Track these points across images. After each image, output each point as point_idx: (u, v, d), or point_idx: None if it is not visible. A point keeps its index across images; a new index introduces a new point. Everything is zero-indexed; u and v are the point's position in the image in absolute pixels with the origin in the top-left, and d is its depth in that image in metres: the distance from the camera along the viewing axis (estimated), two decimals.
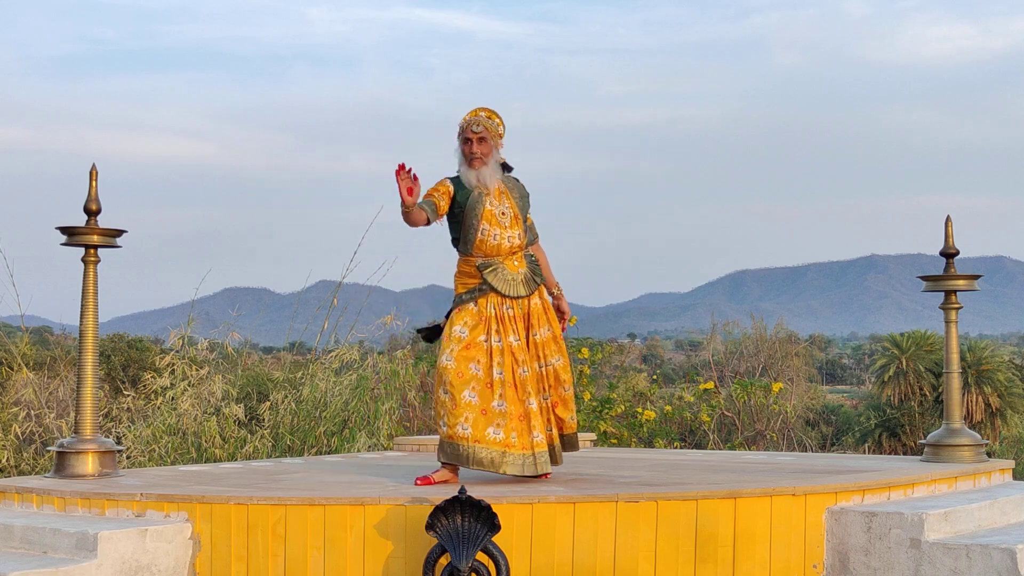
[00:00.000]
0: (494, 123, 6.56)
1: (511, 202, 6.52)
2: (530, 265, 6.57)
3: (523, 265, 6.53)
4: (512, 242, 6.48)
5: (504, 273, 6.43)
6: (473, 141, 6.49)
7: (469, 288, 6.45)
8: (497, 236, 6.44)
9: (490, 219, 6.43)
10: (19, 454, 10.86)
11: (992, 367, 38.07)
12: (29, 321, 12.18)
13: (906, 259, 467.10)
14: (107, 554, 5.58)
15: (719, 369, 21.64)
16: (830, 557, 5.88)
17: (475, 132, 6.50)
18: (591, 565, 5.61)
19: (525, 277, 6.49)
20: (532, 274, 6.54)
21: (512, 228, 6.48)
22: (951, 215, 7.54)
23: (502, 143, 6.61)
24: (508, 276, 6.43)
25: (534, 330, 6.49)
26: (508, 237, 6.46)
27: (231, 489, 6.24)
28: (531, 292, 6.50)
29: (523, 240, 6.55)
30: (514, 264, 6.48)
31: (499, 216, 6.46)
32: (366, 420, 11.17)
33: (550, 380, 6.50)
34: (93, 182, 6.94)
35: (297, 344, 14.28)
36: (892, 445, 35.39)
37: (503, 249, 6.46)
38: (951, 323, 7.50)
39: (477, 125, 6.50)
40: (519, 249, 6.53)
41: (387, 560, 5.64)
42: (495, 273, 6.42)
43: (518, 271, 6.48)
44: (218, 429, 10.48)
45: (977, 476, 7.04)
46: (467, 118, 6.56)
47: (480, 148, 6.48)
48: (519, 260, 6.52)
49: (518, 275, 6.47)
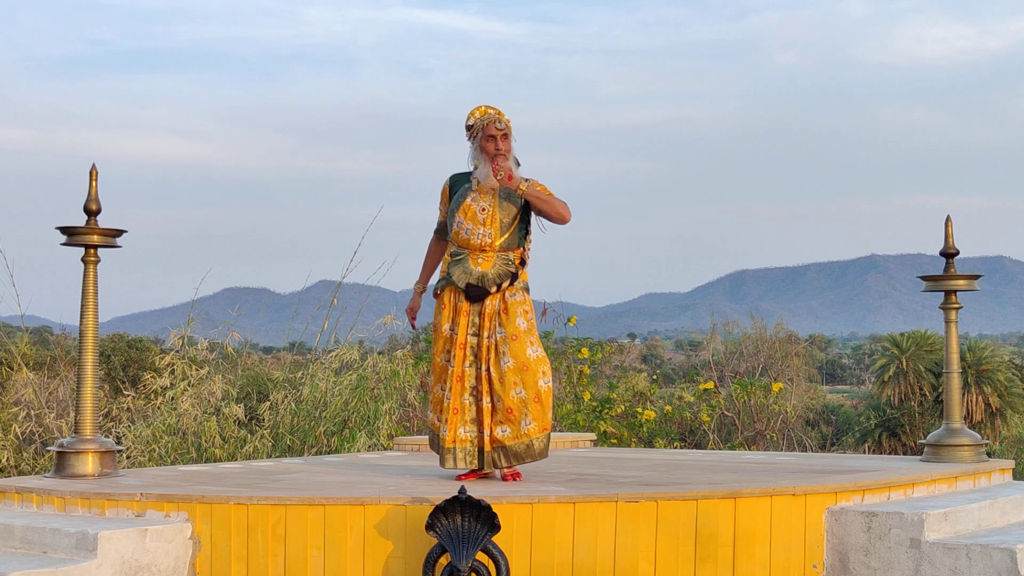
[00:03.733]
0: (505, 121, 6.62)
1: (495, 202, 6.52)
2: (501, 266, 6.52)
3: (489, 265, 6.51)
4: (482, 239, 6.50)
5: (465, 266, 6.51)
6: (497, 138, 6.55)
7: (442, 276, 6.66)
8: (468, 231, 6.51)
9: (465, 212, 6.52)
10: (19, 454, 10.86)
11: (992, 367, 38.07)
12: (29, 321, 12.19)
13: (906, 259, 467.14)
14: (107, 554, 5.58)
15: (719, 369, 21.63)
16: (830, 557, 5.88)
17: (499, 129, 6.56)
18: (591, 565, 5.61)
19: (483, 276, 6.48)
20: (497, 276, 6.49)
21: (486, 226, 6.50)
22: (951, 215, 7.55)
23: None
24: (467, 270, 6.50)
25: (490, 331, 6.48)
26: (479, 234, 6.50)
27: (231, 489, 6.24)
28: (487, 293, 6.47)
29: (495, 240, 6.51)
30: (478, 260, 6.51)
31: (477, 212, 6.51)
32: (366, 420, 11.16)
33: (497, 382, 6.41)
34: (93, 182, 6.95)
35: (297, 344, 14.28)
36: (892, 445, 35.39)
37: (472, 244, 6.52)
38: (951, 323, 7.50)
39: (500, 122, 6.57)
40: (489, 248, 6.51)
41: (387, 560, 5.64)
42: (456, 265, 6.55)
43: (478, 268, 6.49)
44: (218, 429, 10.48)
45: (977, 476, 7.04)
46: (482, 115, 6.59)
47: (504, 144, 6.56)
48: (486, 258, 6.51)
49: (475, 271, 6.49)
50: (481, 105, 6.64)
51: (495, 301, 6.50)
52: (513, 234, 6.58)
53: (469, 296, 6.48)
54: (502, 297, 6.51)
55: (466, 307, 6.50)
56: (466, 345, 6.48)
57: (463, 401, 6.47)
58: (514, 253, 6.59)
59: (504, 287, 6.50)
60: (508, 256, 6.57)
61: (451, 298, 6.56)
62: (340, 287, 11.95)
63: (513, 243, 6.59)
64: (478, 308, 6.50)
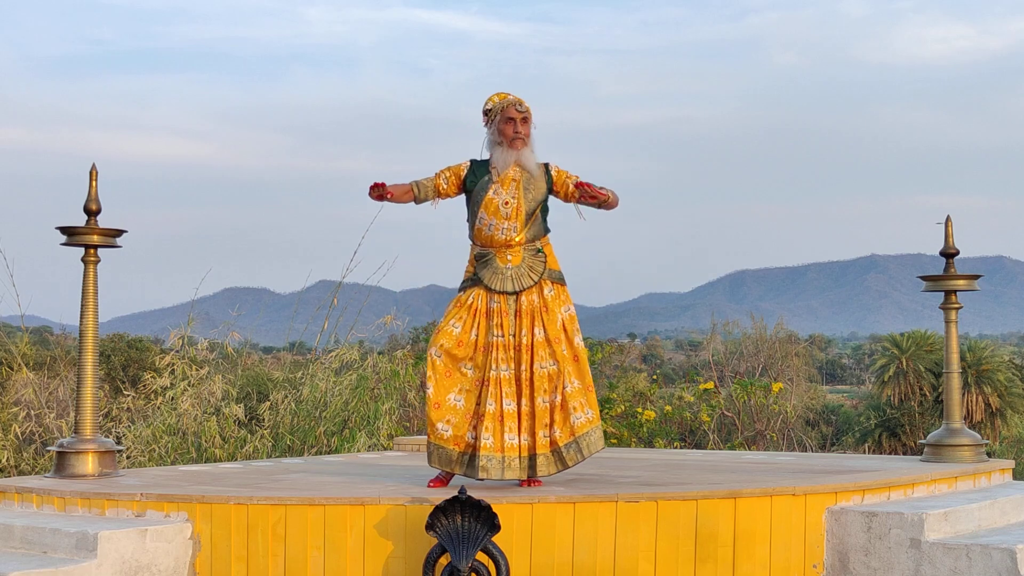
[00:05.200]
0: (526, 105, 6.34)
1: (519, 192, 6.25)
2: (529, 260, 6.28)
3: (518, 260, 6.25)
4: (507, 234, 6.23)
5: (494, 266, 6.23)
6: (516, 121, 6.28)
7: (467, 276, 6.33)
8: (492, 227, 6.24)
9: (487, 207, 6.24)
10: (19, 454, 10.86)
11: (992, 367, 38.04)
12: (29, 321, 12.19)
13: (906, 259, 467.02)
14: (107, 554, 5.58)
15: (719, 369, 21.64)
16: (830, 557, 5.88)
17: (519, 111, 6.29)
18: (591, 565, 5.61)
19: (517, 272, 6.23)
20: (530, 270, 6.26)
21: (511, 220, 6.23)
22: (951, 215, 7.54)
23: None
24: (497, 269, 6.22)
25: (524, 330, 6.20)
26: (503, 229, 6.23)
27: (231, 489, 6.24)
28: (522, 288, 6.22)
29: (522, 234, 6.26)
30: (507, 257, 6.24)
31: (501, 206, 6.23)
32: (366, 420, 11.16)
33: (543, 384, 6.18)
34: (93, 182, 6.94)
35: (297, 344, 14.29)
36: (892, 445, 35.38)
37: (496, 240, 6.25)
38: (951, 323, 7.50)
39: (521, 105, 6.30)
40: (515, 243, 6.25)
41: (387, 560, 5.64)
42: (485, 266, 6.25)
43: (508, 264, 6.23)
44: (218, 429, 10.48)
45: (977, 476, 7.04)
46: (501, 99, 6.32)
47: (524, 128, 6.29)
48: (514, 254, 6.25)
49: (507, 269, 6.22)
50: (500, 91, 6.40)
51: (532, 297, 6.23)
52: (536, 223, 6.32)
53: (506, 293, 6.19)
54: (540, 293, 6.26)
55: (503, 307, 6.18)
56: (508, 347, 6.16)
57: (503, 407, 6.12)
58: (540, 242, 6.33)
59: (541, 280, 6.24)
60: (536, 246, 6.31)
61: (481, 301, 6.23)
62: (340, 287, 11.95)
63: (539, 232, 6.34)
64: (514, 307, 6.20)
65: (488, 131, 6.39)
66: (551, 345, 6.22)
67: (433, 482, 6.26)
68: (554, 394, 6.19)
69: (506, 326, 6.20)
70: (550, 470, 6.19)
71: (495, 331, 6.19)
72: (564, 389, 6.19)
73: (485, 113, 6.41)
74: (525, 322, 6.21)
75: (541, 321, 6.23)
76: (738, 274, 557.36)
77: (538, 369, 6.19)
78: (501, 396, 6.14)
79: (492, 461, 6.10)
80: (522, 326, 6.21)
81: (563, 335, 6.26)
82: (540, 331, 6.22)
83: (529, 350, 6.19)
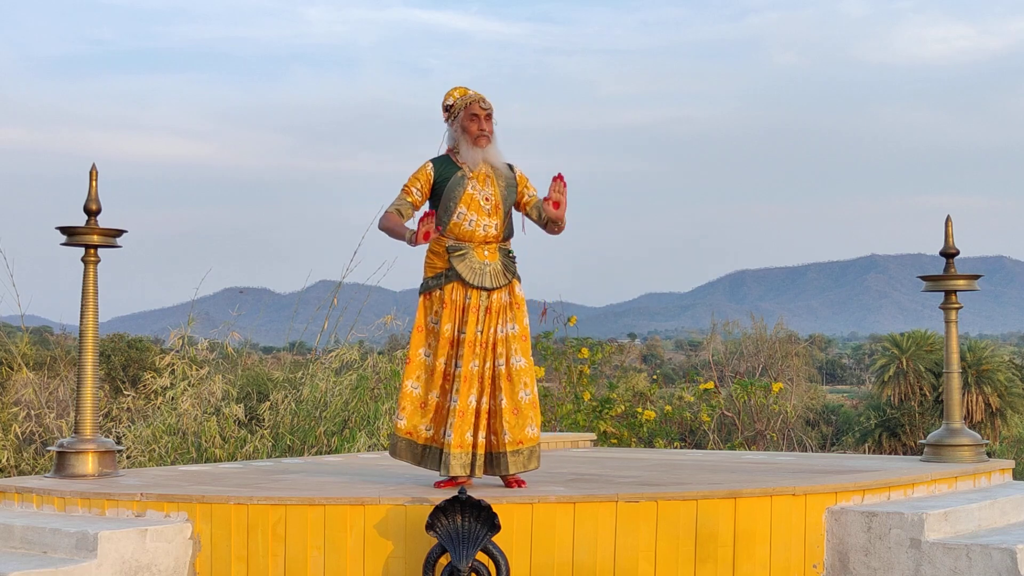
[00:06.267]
0: (489, 102, 6.30)
1: (496, 190, 6.23)
2: (503, 259, 6.25)
3: (495, 257, 6.22)
4: (487, 231, 6.19)
5: (472, 261, 6.16)
6: (481, 118, 6.24)
7: (436, 273, 6.22)
8: (473, 222, 6.18)
9: (469, 203, 6.18)
10: (19, 454, 10.86)
11: (992, 367, 38.06)
12: (29, 321, 12.19)
13: (906, 259, 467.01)
14: (107, 554, 5.58)
15: (719, 369, 21.64)
16: (830, 557, 5.88)
17: (483, 108, 6.24)
18: (591, 565, 5.61)
19: (494, 270, 6.18)
20: (504, 268, 6.22)
21: (492, 217, 6.20)
22: (951, 215, 7.55)
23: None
24: (475, 264, 6.16)
25: (498, 326, 6.15)
26: (484, 225, 6.18)
27: (231, 489, 6.24)
28: (498, 286, 6.17)
29: (500, 231, 6.24)
30: (484, 254, 6.18)
31: (481, 202, 6.19)
32: (366, 420, 11.16)
33: (506, 380, 6.12)
34: (93, 182, 6.94)
35: (297, 344, 14.28)
36: (892, 445, 35.39)
37: (476, 236, 6.18)
38: (951, 323, 7.50)
39: (484, 101, 6.25)
40: (493, 240, 6.22)
41: (387, 560, 5.63)
42: (462, 259, 6.16)
43: (485, 261, 6.17)
44: (218, 429, 10.48)
45: (977, 476, 7.04)
46: (463, 96, 6.26)
47: (488, 126, 6.25)
48: (491, 251, 6.21)
49: (485, 265, 6.17)
50: (459, 86, 6.35)
51: (502, 295, 6.19)
52: (509, 224, 6.33)
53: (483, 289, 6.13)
54: (511, 291, 6.23)
55: (475, 303, 6.11)
56: (475, 343, 6.10)
57: (468, 403, 6.08)
58: (508, 243, 6.33)
59: (512, 280, 6.22)
60: (507, 247, 6.32)
61: (455, 295, 6.16)
62: (340, 287, 11.95)
63: (510, 233, 6.34)
64: (486, 304, 6.14)
65: (450, 127, 6.34)
66: (520, 342, 6.19)
67: (440, 484, 6.23)
68: (524, 390, 6.14)
69: (474, 322, 6.14)
70: (503, 472, 6.13)
71: (463, 328, 6.13)
72: (522, 393, 6.13)
73: (446, 108, 6.34)
74: (494, 319, 6.18)
75: (511, 318, 6.20)
76: (738, 274, 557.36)
77: (504, 366, 6.13)
78: (467, 392, 6.09)
79: (455, 458, 6.05)
80: (491, 323, 6.17)
81: (528, 338, 6.25)
82: (512, 327, 6.20)
83: (499, 345, 6.15)
